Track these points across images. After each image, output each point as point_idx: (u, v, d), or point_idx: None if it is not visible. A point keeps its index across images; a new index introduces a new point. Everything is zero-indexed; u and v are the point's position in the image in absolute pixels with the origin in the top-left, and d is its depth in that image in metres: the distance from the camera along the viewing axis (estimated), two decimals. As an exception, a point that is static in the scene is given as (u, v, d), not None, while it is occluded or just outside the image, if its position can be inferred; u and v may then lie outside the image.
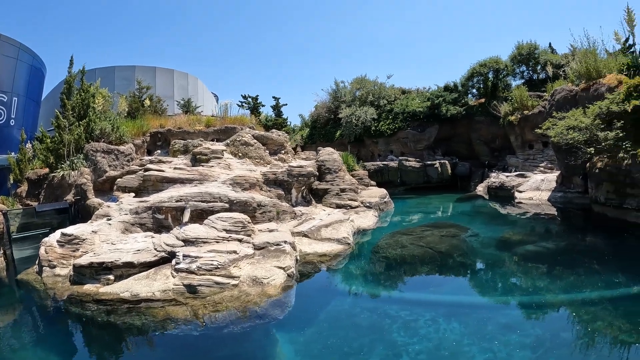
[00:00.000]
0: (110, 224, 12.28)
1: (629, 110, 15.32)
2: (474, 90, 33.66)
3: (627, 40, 19.18)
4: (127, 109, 22.65)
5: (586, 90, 18.90)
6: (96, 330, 7.98)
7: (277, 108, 44.72)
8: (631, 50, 19.03)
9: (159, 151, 20.43)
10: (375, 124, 33.33)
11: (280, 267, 9.60)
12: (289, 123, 45.08)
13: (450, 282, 10.81)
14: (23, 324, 9.19)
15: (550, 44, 33.50)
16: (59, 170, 16.72)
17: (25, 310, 10.24)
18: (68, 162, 16.86)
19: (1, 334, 8.46)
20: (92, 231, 11.82)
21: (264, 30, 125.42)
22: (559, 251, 12.96)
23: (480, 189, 27.66)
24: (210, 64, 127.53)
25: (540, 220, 17.87)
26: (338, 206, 17.82)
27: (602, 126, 16.15)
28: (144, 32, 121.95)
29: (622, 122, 15.57)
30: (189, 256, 9.39)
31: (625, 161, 15.01)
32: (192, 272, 8.92)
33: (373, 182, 23.99)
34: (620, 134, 15.35)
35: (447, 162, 30.13)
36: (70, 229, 11.88)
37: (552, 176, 22.67)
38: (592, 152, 16.38)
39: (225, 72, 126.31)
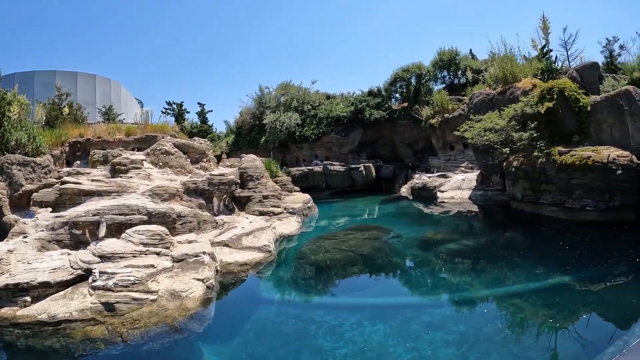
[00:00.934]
0: (26, 242, 11.90)
1: (542, 112, 16.32)
2: (397, 95, 34.57)
3: (544, 47, 20.08)
4: (44, 118, 21.96)
5: (502, 93, 19.78)
6: (17, 356, 7.74)
7: (202, 114, 44.37)
8: (547, 56, 19.94)
9: (78, 162, 19.93)
10: (300, 129, 33.57)
11: (199, 279, 9.57)
12: (214, 130, 44.82)
13: (374, 284, 11.02)
14: None
15: (471, 50, 34.92)
16: (-28, 185, 16.11)
17: None
18: (-19, 177, 16.26)
19: None
20: (8, 250, 11.42)
21: (190, 35, 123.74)
22: (480, 247, 13.55)
23: (404, 190, 28.34)
24: (135, 69, 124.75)
25: (462, 218, 18.55)
26: (261, 213, 17.86)
27: (518, 127, 17.02)
28: (66, 35, 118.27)
29: (536, 123, 16.48)
30: (105, 273, 9.22)
31: (540, 159, 15.92)
32: (109, 289, 8.76)
33: (297, 188, 24.13)
34: (535, 134, 16.27)
35: (371, 165, 30.63)
36: (-17, 249, 11.53)
37: (473, 175, 23.51)
38: (508, 152, 17.27)
39: (150, 78, 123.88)
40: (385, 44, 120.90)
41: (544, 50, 20.19)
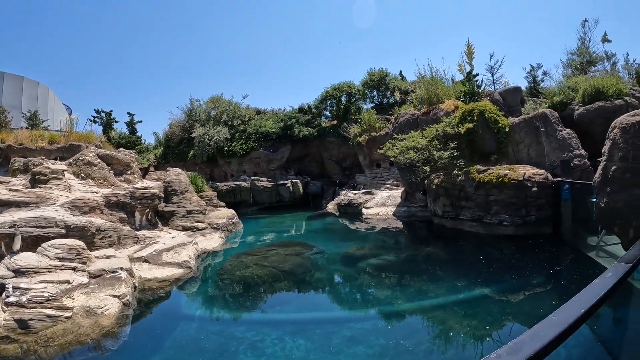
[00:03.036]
0: None
1: (463, 132, 17.00)
2: (327, 113, 34.99)
3: (470, 71, 20.91)
4: (-36, 120, 21.21)
5: (427, 114, 20.49)
6: None
7: (131, 125, 43.52)
8: (476, 79, 20.78)
9: (-2, 169, 19.37)
10: (229, 144, 33.50)
11: (115, 296, 9.50)
12: (143, 141, 43.96)
13: (295, 299, 11.19)
14: None
15: (400, 71, 35.91)
16: None
17: None
18: None
19: None
20: None
21: (124, 42, 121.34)
22: (402, 262, 13.99)
23: (331, 206, 28.63)
24: (65, 73, 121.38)
25: (386, 234, 18.98)
26: (185, 229, 17.73)
27: (440, 146, 17.65)
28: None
29: (457, 142, 17.17)
30: (19, 288, 9.00)
31: (459, 177, 16.60)
32: (22, 306, 8.56)
33: (222, 203, 23.98)
34: (455, 153, 16.94)
35: (298, 181, 30.88)
36: None
37: (397, 192, 24.19)
38: (428, 170, 17.89)
39: (80, 83, 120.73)
40: (317, 62, 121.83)
41: (470, 75, 21.03)
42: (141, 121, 44.54)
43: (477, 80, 20.95)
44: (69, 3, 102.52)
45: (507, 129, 17.17)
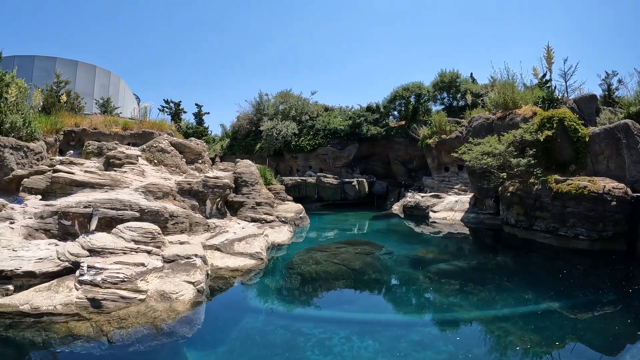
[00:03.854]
0: (12, 228, 11.61)
1: (542, 140, 16.24)
2: (396, 113, 34.62)
3: (544, 75, 20.13)
4: (41, 103, 21.68)
5: (502, 119, 19.70)
6: None
7: (199, 116, 44.15)
8: (547, 85, 19.95)
9: (71, 151, 19.70)
10: (296, 139, 33.48)
11: (189, 282, 9.33)
12: (209, 132, 44.56)
13: (364, 299, 10.82)
14: None
15: (472, 74, 35.05)
16: (-38, 165, 15.80)
17: None
18: (-27, 158, 15.96)
19: None
20: (-7, 235, 11.22)
21: (194, 35, 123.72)
22: (471, 269, 13.39)
23: (396, 207, 28.16)
24: (135, 64, 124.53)
25: (453, 239, 18.39)
26: (253, 220, 17.61)
27: (515, 153, 16.95)
28: (68, 23, 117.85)
29: (534, 150, 16.42)
30: (93, 267, 8.95)
31: (536, 186, 15.86)
32: (96, 285, 8.49)
33: (290, 197, 23.87)
34: (532, 161, 16.19)
35: (364, 180, 30.60)
36: (-31, 232, 11.23)
37: (466, 198, 23.46)
38: (505, 176, 17.13)
39: (149, 74, 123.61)
40: (387, 62, 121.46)
41: (544, 79, 20.21)
42: (208, 113, 45.17)
43: (549, 86, 20.12)
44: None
45: (586, 139, 16.31)
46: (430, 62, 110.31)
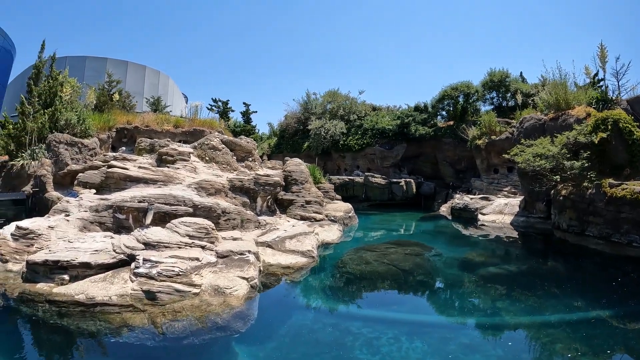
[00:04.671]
0: (68, 220, 11.85)
1: (596, 142, 15.72)
2: (444, 112, 34.15)
3: (596, 74, 19.59)
4: (95, 102, 22.18)
5: (554, 120, 19.19)
6: (47, 333, 7.60)
7: (246, 114, 44.49)
8: (600, 84, 19.40)
9: (123, 148, 20.03)
10: (344, 139, 33.40)
11: (243, 278, 9.32)
12: (257, 131, 44.85)
13: (413, 300, 10.75)
14: None
15: (521, 73, 34.33)
16: (18, 159, 16.21)
17: None
18: (29, 151, 16.36)
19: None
20: (49, 226, 11.40)
21: (239, 35, 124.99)
22: (521, 274, 13.06)
23: (444, 209, 27.85)
24: (183, 63, 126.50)
25: (502, 243, 17.98)
26: (302, 218, 17.61)
27: (569, 155, 16.44)
28: (117, 23, 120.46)
29: (589, 152, 15.89)
30: (149, 260, 9.05)
31: (589, 190, 15.36)
32: (151, 278, 8.57)
33: (338, 196, 23.80)
34: (586, 164, 15.65)
35: (412, 180, 30.30)
36: (25, 223, 11.43)
37: (515, 201, 22.94)
38: (558, 179, 16.64)
39: (196, 73, 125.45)
40: (434, 61, 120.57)
41: (596, 79, 19.65)
42: (256, 111, 45.40)
43: (600, 86, 19.53)
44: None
45: (643, 142, 15.75)
46: (479, 61, 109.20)
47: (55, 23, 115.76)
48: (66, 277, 8.99)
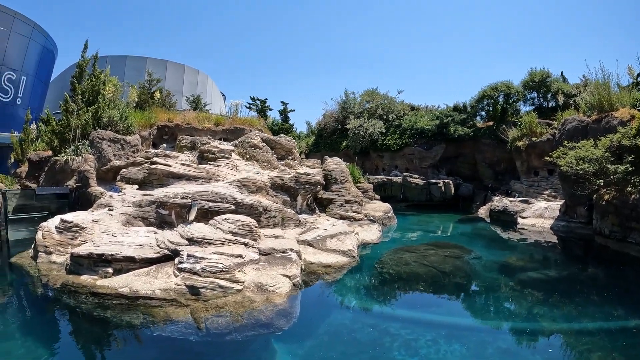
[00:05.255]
0: (111, 215, 12.03)
1: (640, 146, 15.22)
2: (483, 113, 33.57)
3: (639, 74, 19.06)
4: (136, 100, 22.55)
5: (597, 122, 18.71)
6: (90, 325, 7.75)
7: (284, 113, 44.70)
8: (640, 86, 18.92)
9: (164, 145, 20.27)
10: (383, 138, 33.23)
11: (285, 276, 9.34)
12: (295, 129, 44.95)
13: (452, 303, 10.62)
14: (13, 311, 8.98)
15: (562, 72, 33.54)
16: (62, 155, 16.61)
17: (16, 297, 10.04)
18: (73, 147, 16.75)
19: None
20: (93, 220, 11.61)
21: (276, 34, 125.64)
22: (561, 280, 12.77)
23: (483, 211, 27.41)
24: (219, 62, 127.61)
25: (541, 248, 17.62)
26: (342, 217, 17.55)
27: (612, 159, 16.01)
28: (156, 24, 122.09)
29: (633, 156, 15.43)
30: (193, 256, 9.13)
31: (633, 196, 14.90)
32: (195, 273, 8.66)
33: (377, 196, 23.69)
34: (630, 169, 15.20)
35: (450, 182, 29.98)
36: (70, 216, 11.68)
37: (556, 205, 22.44)
38: (601, 184, 16.22)
39: (233, 72, 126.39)
40: (473, 60, 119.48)
41: (639, 79, 19.15)
42: (294, 110, 45.48)
43: (640, 86, 19.02)
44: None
45: (687, 145, 15.23)
46: (518, 60, 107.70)
47: (94, 23, 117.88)
48: (110, 270, 9.18)
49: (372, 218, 18.61)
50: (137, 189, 14.11)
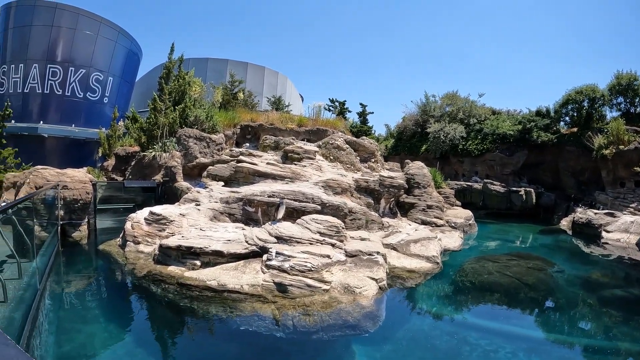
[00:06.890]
0: (199, 210, 12.34)
1: None
2: (567, 118, 32.27)
3: None
4: (220, 100, 23.09)
5: (689, 130, 17.79)
6: (177, 314, 8.04)
7: (363, 115, 44.59)
8: None
9: (247, 144, 20.59)
10: (463, 143, 32.58)
11: (372, 278, 9.33)
12: (373, 131, 44.75)
13: (534, 316, 10.40)
14: (100, 296, 9.49)
15: (650, 75, 31.87)
16: (150, 151, 17.13)
17: (104, 282, 10.54)
18: (160, 144, 17.25)
19: (78, 303, 8.62)
20: (180, 214, 11.94)
21: (354, 37, 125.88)
22: (647, 300, 12.21)
23: (565, 223, 26.37)
24: (298, 63, 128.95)
25: (626, 265, 16.76)
26: (423, 222, 17.34)
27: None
28: (235, 26, 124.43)
29: None
30: (282, 254, 9.27)
31: None
32: (284, 271, 8.78)
33: (458, 202, 23.35)
34: None
35: (532, 190, 29.02)
36: (158, 209, 12.07)
37: (643, 220, 21.38)
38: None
39: (311, 74, 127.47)
40: (555, 62, 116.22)
41: None
42: (372, 112, 45.27)
43: None
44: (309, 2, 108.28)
45: None
46: (603, 63, 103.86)
47: (176, 26, 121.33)
48: (198, 262, 9.47)
49: (453, 224, 18.32)
50: (222, 186, 14.39)
